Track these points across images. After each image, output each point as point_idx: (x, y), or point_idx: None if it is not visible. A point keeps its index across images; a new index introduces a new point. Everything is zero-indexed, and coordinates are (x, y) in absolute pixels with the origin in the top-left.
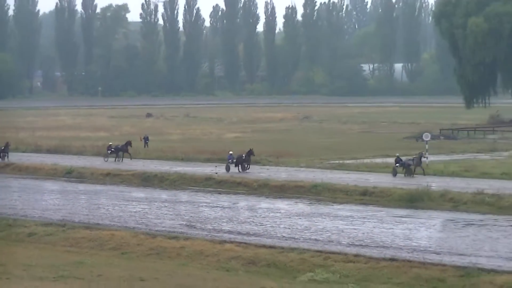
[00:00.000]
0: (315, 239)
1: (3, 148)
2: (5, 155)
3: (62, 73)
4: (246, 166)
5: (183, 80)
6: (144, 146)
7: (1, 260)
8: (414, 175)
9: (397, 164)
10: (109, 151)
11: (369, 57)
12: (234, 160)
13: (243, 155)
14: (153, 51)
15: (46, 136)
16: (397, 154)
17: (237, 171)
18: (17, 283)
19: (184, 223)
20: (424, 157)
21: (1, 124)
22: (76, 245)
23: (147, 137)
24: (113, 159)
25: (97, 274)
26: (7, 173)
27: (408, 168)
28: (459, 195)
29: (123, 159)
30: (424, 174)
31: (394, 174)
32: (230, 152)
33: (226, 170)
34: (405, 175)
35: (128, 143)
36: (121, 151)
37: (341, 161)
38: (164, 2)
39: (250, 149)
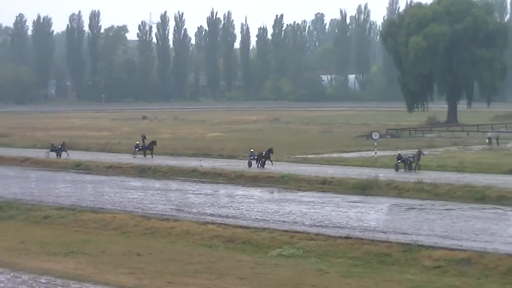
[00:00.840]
0: (283, 221)
1: (60, 147)
2: (61, 153)
3: (72, 83)
4: (265, 162)
5: (173, 89)
6: (143, 143)
7: (21, 238)
8: (416, 170)
9: (399, 161)
10: (136, 149)
11: (327, 69)
12: (256, 157)
13: (263, 153)
14: (148, 64)
15: (59, 135)
16: (399, 152)
17: (257, 166)
18: (34, 257)
19: (174, 207)
20: (423, 154)
21: (22, 124)
22: (84, 226)
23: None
24: (141, 155)
25: (101, 250)
26: (26, 166)
27: (409, 164)
28: (402, 184)
29: (151, 155)
30: (420, 169)
31: (397, 169)
32: (252, 150)
33: (248, 166)
34: (405, 170)
35: (153, 143)
36: (147, 149)
37: (304, 156)
38: (157, 23)
39: (270, 148)
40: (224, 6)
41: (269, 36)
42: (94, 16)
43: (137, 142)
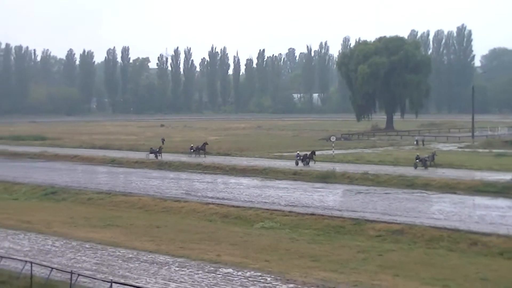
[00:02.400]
0: (264, 202)
1: (157, 150)
2: (159, 154)
3: (108, 100)
4: (309, 161)
5: (183, 104)
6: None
7: (71, 215)
8: (431, 168)
9: (417, 160)
10: (191, 150)
11: (297, 90)
12: (301, 157)
13: (307, 154)
14: (164, 86)
15: (98, 138)
16: (417, 154)
17: (303, 164)
18: (80, 229)
19: (184, 192)
20: (436, 155)
21: (71, 130)
22: (117, 205)
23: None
24: (195, 155)
25: (129, 224)
26: (74, 161)
27: (425, 163)
28: (353, 174)
29: (204, 155)
30: (435, 167)
31: (415, 167)
32: (298, 152)
33: (296, 164)
34: (424, 168)
35: (205, 144)
36: (201, 149)
37: (280, 154)
38: (171, 56)
39: (313, 150)
40: (221, 42)
41: (254, 65)
42: (125, 50)
43: (192, 145)
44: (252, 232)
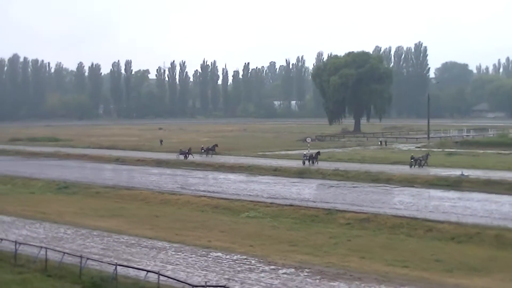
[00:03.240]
0: (249, 194)
1: (187, 151)
2: (188, 155)
3: (114, 106)
4: (315, 161)
5: (179, 110)
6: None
7: (81, 206)
8: (424, 167)
9: (412, 160)
10: (202, 150)
11: (278, 97)
12: (308, 157)
13: (313, 154)
14: (162, 94)
15: (105, 140)
16: (412, 154)
17: (309, 164)
18: (89, 218)
19: (179, 186)
20: (430, 155)
21: (81, 133)
22: (121, 198)
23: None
24: (206, 155)
25: (132, 214)
26: (84, 160)
27: (420, 162)
28: (326, 171)
29: (212, 155)
30: (428, 166)
31: (411, 166)
32: (304, 153)
33: (303, 164)
34: (419, 167)
35: (215, 145)
36: (211, 150)
37: (263, 153)
38: (168, 68)
39: (318, 151)
40: (211, 56)
41: (240, 76)
42: (128, 63)
43: (202, 146)
44: (238, 221)
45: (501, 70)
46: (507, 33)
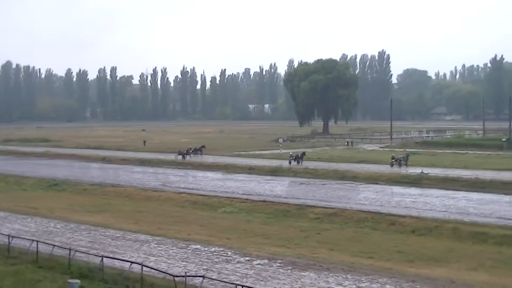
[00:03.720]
0: (226, 191)
1: (185, 152)
2: (186, 156)
3: (100, 109)
4: (300, 161)
5: (160, 113)
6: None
7: (70, 202)
8: (403, 166)
9: (393, 160)
10: (191, 151)
11: (252, 101)
12: (294, 158)
13: (299, 155)
14: (145, 98)
15: (92, 140)
16: (393, 155)
17: (295, 163)
18: (77, 214)
19: (161, 183)
20: (410, 156)
21: (70, 134)
22: (107, 194)
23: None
24: (193, 155)
25: (117, 209)
26: (72, 159)
27: (400, 162)
28: (297, 169)
29: (201, 155)
30: (407, 165)
31: (392, 165)
32: (291, 153)
33: (289, 163)
34: (399, 166)
35: (203, 146)
36: (198, 151)
37: (239, 152)
38: (151, 74)
39: (304, 152)
40: (191, 63)
41: (217, 82)
42: (113, 69)
43: (190, 146)
44: (216, 216)
45: (457, 76)
46: (463, 42)
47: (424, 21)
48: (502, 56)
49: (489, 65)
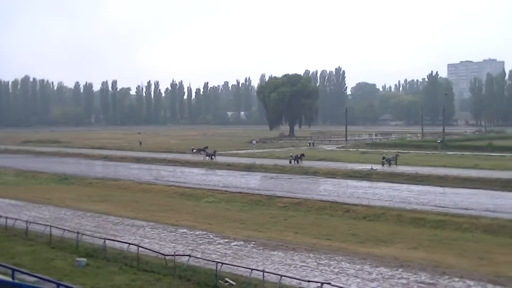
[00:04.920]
0: (208, 184)
1: (212, 153)
2: (212, 156)
3: (103, 116)
4: (300, 161)
5: (153, 119)
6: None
7: (77, 193)
8: (393, 165)
9: (383, 159)
10: (194, 151)
11: (230, 109)
12: (293, 158)
13: (298, 155)
14: (141, 107)
15: (96, 142)
16: (384, 155)
17: (295, 163)
18: (84, 203)
19: (153, 178)
20: (398, 156)
21: (77, 137)
22: (109, 187)
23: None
24: (197, 155)
25: (117, 199)
26: (79, 157)
27: (390, 162)
28: (267, 165)
29: (202, 155)
30: (396, 165)
31: (383, 164)
32: (291, 154)
33: (289, 163)
34: (389, 165)
35: (206, 147)
36: (202, 150)
37: (218, 152)
38: (145, 86)
39: (303, 153)
40: (179, 77)
41: (201, 93)
42: (114, 82)
43: (192, 147)
44: (200, 205)
45: (400, 88)
46: (405, 60)
47: (374, 42)
48: (437, 72)
49: (426, 79)
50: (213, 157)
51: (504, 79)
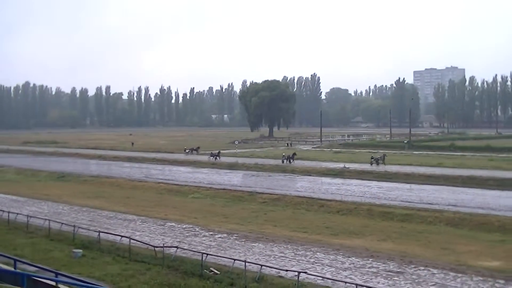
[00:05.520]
0: (194, 181)
1: (217, 153)
2: (217, 157)
3: (97, 119)
4: (292, 160)
5: (144, 121)
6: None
7: (74, 190)
8: (381, 165)
9: (372, 159)
10: (187, 151)
11: (215, 112)
12: (286, 157)
13: (290, 155)
14: (132, 110)
15: (89, 143)
16: (372, 155)
17: (287, 162)
18: (79, 199)
19: (144, 176)
20: (386, 156)
21: (74, 138)
22: (103, 184)
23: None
24: (190, 154)
25: (110, 195)
26: (76, 157)
27: (378, 161)
28: (248, 164)
29: (196, 155)
30: (384, 164)
31: (371, 164)
32: (283, 154)
33: (282, 162)
34: (377, 165)
35: (198, 147)
36: (194, 150)
37: (204, 152)
38: (136, 91)
39: (294, 153)
40: (167, 82)
41: (188, 97)
42: (108, 88)
43: (185, 147)
44: (187, 200)
45: (371, 93)
46: (375, 67)
47: (347, 50)
48: (404, 78)
49: (394, 85)
50: (217, 157)
51: (464, 85)
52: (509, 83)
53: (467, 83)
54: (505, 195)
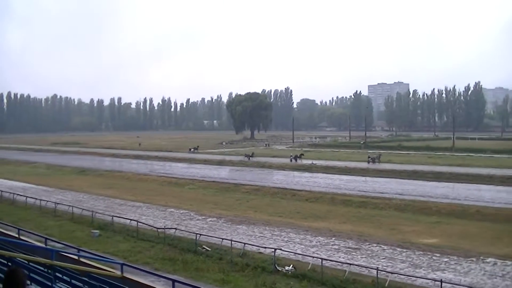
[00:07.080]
0: (190, 175)
1: (250, 154)
2: (250, 157)
3: (111, 124)
4: (298, 160)
5: (148, 126)
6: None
7: (92, 182)
8: (376, 163)
9: (369, 158)
10: (191, 150)
11: (206, 118)
12: (293, 157)
13: (297, 155)
14: (139, 117)
15: (104, 143)
16: (368, 155)
17: (294, 161)
18: (96, 189)
19: (149, 170)
20: (381, 155)
21: (92, 139)
22: (115, 177)
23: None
24: (192, 153)
25: (121, 186)
26: (94, 155)
27: (373, 160)
28: (235, 161)
29: (197, 154)
30: (380, 163)
31: (368, 162)
32: (291, 154)
33: (290, 161)
34: (373, 163)
35: (197, 146)
36: (195, 149)
37: (197, 151)
38: (143, 102)
39: (302, 153)
40: (168, 94)
41: (184, 106)
42: (119, 99)
43: (189, 147)
44: (183, 191)
45: (334, 103)
46: (337, 81)
47: (314, 67)
48: (360, 91)
49: (352, 96)
50: (251, 157)
51: (409, 97)
52: (444, 95)
53: (411, 95)
54: (441, 185)
